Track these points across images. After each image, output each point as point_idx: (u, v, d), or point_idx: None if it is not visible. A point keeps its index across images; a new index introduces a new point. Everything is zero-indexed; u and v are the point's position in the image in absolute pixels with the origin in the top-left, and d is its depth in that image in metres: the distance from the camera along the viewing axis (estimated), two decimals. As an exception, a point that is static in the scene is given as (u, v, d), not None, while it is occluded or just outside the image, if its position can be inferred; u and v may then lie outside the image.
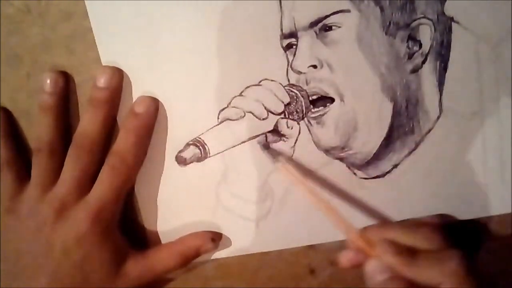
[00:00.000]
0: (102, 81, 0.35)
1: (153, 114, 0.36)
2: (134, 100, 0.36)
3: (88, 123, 0.35)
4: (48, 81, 0.35)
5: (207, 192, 0.37)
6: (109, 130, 0.36)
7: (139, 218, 0.38)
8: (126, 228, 0.37)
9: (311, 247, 0.39)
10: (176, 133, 0.36)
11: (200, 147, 0.36)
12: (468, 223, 0.38)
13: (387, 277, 0.32)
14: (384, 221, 0.37)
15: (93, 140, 0.35)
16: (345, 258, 0.34)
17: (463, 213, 0.38)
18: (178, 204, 0.38)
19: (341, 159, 0.37)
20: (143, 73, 0.36)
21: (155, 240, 0.38)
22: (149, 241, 0.38)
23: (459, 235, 0.35)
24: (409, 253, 0.32)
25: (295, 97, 0.36)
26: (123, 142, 0.35)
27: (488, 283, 0.32)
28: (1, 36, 0.36)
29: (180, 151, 0.36)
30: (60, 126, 0.36)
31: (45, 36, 0.35)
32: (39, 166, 0.35)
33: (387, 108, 0.36)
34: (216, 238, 0.38)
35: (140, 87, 0.36)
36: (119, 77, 0.35)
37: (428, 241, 0.33)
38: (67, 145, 0.35)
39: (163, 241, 0.38)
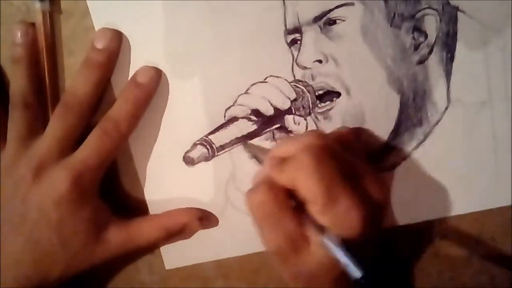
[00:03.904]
0: (100, 43, 0.34)
1: (155, 86, 0.35)
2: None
3: (80, 83, 0.34)
4: (19, 33, 0.34)
5: (216, 191, 0.37)
6: (101, 94, 0.35)
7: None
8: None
9: None
10: (183, 133, 0.36)
11: (208, 146, 0.36)
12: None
13: (259, 187, 0.31)
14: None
15: (82, 101, 0.34)
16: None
17: (474, 204, 0.38)
18: (187, 204, 0.38)
19: (349, 154, 0.37)
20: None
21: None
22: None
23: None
24: (280, 159, 0.31)
25: (301, 93, 0.36)
26: (120, 109, 0.34)
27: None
28: (1, 36, 0.35)
29: (187, 151, 0.36)
30: (32, 78, 0.35)
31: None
32: (15, 121, 0.34)
33: (394, 101, 0.36)
34: (203, 218, 0.37)
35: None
36: (118, 40, 0.35)
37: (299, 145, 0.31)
38: (43, 100, 0.35)
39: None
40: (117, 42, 0.35)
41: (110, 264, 0.35)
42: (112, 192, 0.37)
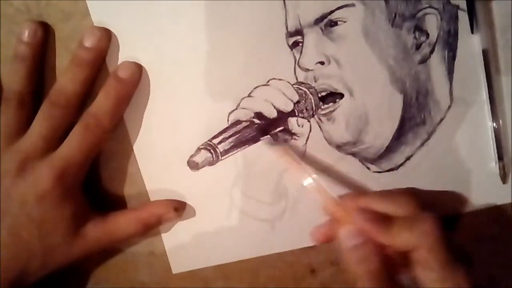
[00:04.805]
0: (89, 41, 0.34)
1: (137, 80, 0.35)
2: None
3: (67, 81, 0.34)
4: (26, 32, 0.34)
5: (221, 195, 0.37)
6: (87, 92, 0.35)
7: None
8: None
9: (311, 247, 0.39)
10: (187, 138, 0.36)
11: (212, 150, 0.36)
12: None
13: (361, 241, 0.32)
14: (360, 191, 0.37)
15: (69, 98, 0.34)
16: (319, 232, 0.34)
17: (477, 202, 0.38)
18: (192, 209, 0.38)
19: (353, 154, 0.37)
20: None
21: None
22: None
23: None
24: (384, 218, 0.32)
25: (304, 95, 0.36)
26: (101, 104, 0.34)
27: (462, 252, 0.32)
28: (1, 36, 0.35)
29: (191, 156, 0.36)
30: (33, 78, 0.35)
31: (45, 36, 0.35)
32: (5, 116, 0.34)
33: (397, 100, 0.36)
34: (179, 208, 0.37)
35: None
36: (107, 39, 0.35)
37: (402, 208, 0.32)
38: (38, 99, 0.35)
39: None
40: (106, 41, 0.35)
41: (88, 258, 0.36)
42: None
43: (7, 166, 0.33)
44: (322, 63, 0.35)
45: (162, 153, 0.37)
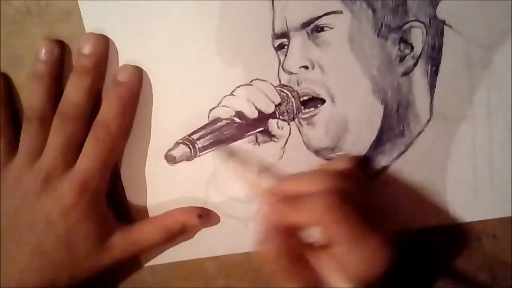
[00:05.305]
0: (86, 48, 0.34)
1: (137, 83, 0.35)
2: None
3: (72, 91, 0.34)
4: (44, 50, 0.35)
5: (196, 190, 0.37)
6: (95, 99, 0.35)
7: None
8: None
9: None
10: (166, 131, 0.36)
11: (190, 146, 0.36)
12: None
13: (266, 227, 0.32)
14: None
15: (77, 108, 0.34)
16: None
17: (452, 217, 0.38)
18: (167, 203, 0.38)
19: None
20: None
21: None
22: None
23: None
24: (293, 198, 0.32)
25: (286, 98, 0.36)
26: (107, 111, 0.35)
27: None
28: (1, 36, 0.35)
29: (169, 150, 0.36)
30: (52, 95, 0.35)
31: (45, 36, 0.35)
32: (27, 135, 0.35)
33: (378, 110, 0.36)
34: (203, 215, 0.37)
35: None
36: (104, 44, 0.35)
37: (315, 186, 0.32)
38: None
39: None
40: (103, 46, 0.35)
41: (115, 268, 0.36)
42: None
43: (30, 185, 0.34)
44: (306, 67, 0.35)
45: (140, 146, 0.37)
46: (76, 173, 0.34)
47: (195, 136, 0.36)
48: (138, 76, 0.35)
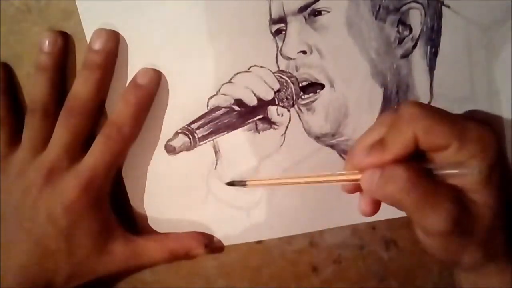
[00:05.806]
0: (97, 44, 0.34)
1: (155, 87, 0.35)
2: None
3: (80, 86, 0.34)
4: (47, 41, 0.34)
5: (197, 181, 0.37)
6: (103, 95, 0.35)
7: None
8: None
9: (313, 245, 0.39)
10: (165, 121, 0.36)
11: (190, 135, 0.36)
12: None
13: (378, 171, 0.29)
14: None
15: (85, 103, 0.34)
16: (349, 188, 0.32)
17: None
18: (168, 193, 0.37)
19: (331, 146, 0.37)
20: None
21: (145, 227, 0.38)
22: (140, 228, 0.38)
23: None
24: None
25: (284, 84, 0.35)
26: (122, 113, 0.34)
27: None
28: (1, 36, 0.35)
29: (169, 140, 0.36)
30: (55, 87, 0.35)
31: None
32: (31, 127, 0.34)
33: (378, 94, 0.36)
34: (208, 244, 0.37)
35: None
36: (115, 40, 0.34)
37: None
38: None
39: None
40: (114, 42, 0.34)
41: (112, 277, 0.36)
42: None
43: (32, 178, 0.33)
44: (304, 52, 0.35)
45: (139, 137, 0.36)
46: (82, 169, 0.33)
47: (194, 126, 0.36)
48: (157, 80, 0.35)
